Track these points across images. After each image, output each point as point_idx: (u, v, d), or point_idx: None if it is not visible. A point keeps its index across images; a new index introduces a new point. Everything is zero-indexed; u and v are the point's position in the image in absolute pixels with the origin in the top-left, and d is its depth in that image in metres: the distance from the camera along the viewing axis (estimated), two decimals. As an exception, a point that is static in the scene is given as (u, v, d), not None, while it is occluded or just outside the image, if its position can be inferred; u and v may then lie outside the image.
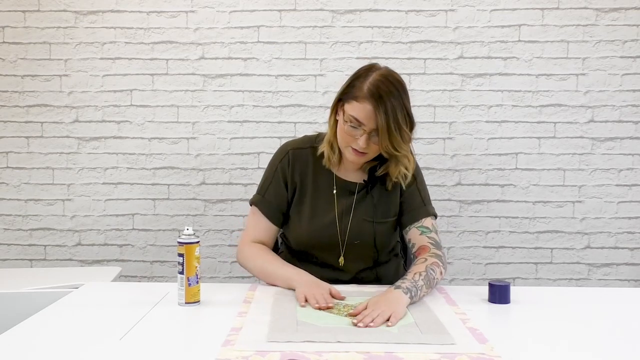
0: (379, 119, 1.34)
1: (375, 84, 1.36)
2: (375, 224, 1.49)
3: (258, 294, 1.37)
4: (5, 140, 2.49)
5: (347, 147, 1.42)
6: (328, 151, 1.49)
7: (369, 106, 1.35)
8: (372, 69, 1.41)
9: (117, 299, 1.34)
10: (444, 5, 2.42)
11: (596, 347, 1.06)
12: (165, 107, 2.47)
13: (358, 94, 1.37)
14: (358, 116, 1.36)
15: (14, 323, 1.15)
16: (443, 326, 1.14)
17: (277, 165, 1.55)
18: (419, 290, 1.29)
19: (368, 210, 1.50)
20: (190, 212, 2.50)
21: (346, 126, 1.39)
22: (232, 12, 2.44)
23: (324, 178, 1.52)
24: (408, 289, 1.27)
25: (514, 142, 2.46)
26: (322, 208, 1.51)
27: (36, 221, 2.51)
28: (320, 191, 1.52)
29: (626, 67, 2.42)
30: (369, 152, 1.41)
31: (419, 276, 1.33)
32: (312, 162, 1.53)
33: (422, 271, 1.35)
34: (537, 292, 1.48)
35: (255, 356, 0.97)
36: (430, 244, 1.46)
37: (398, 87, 1.38)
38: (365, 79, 1.38)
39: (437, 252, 1.44)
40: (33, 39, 2.46)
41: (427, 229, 1.50)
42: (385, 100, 1.34)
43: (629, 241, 2.48)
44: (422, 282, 1.32)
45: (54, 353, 1.01)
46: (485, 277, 2.49)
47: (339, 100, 1.44)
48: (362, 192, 1.51)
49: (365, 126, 1.36)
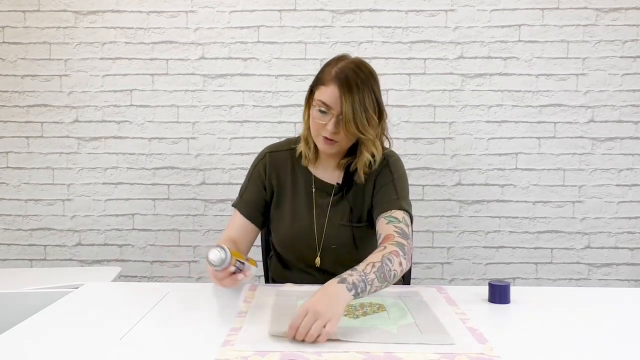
0: (343, 100, 1.34)
1: (343, 69, 1.37)
2: (354, 228, 1.48)
3: (258, 294, 1.37)
4: (5, 140, 2.49)
5: (318, 136, 1.41)
6: (304, 148, 1.48)
7: (336, 89, 1.35)
8: (342, 58, 1.42)
9: (117, 299, 1.34)
10: (444, 5, 2.42)
11: (596, 347, 1.06)
12: (165, 107, 2.47)
13: (326, 77, 1.38)
14: (325, 100, 1.36)
15: (14, 323, 1.15)
16: (442, 326, 1.13)
17: (254, 168, 1.55)
18: (367, 285, 1.14)
19: (343, 213, 1.48)
20: (190, 212, 2.50)
21: (315, 111, 1.39)
22: (232, 12, 2.44)
23: (303, 178, 1.52)
24: (354, 285, 1.11)
25: (514, 142, 2.46)
26: (301, 209, 1.50)
27: (36, 221, 2.51)
28: (299, 192, 1.51)
29: (626, 67, 2.42)
30: (338, 139, 1.39)
31: (370, 268, 1.17)
32: (291, 164, 1.53)
33: (376, 261, 1.20)
34: (537, 292, 1.48)
35: (255, 356, 0.97)
36: (396, 233, 1.32)
37: (367, 73, 1.38)
38: (334, 66, 1.39)
39: (400, 240, 1.30)
40: (33, 39, 2.46)
41: (395, 219, 1.37)
42: (352, 83, 1.34)
43: (629, 241, 2.48)
44: (374, 275, 1.16)
45: (54, 353, 1.01)
46: (485, 277, 2.49)
47: (311, 92, 1.44)
48: (338, 194, 1.49)
49: (333, 110, 1.36)
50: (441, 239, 2.48)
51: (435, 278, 2.50)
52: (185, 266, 2.52)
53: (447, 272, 2.50)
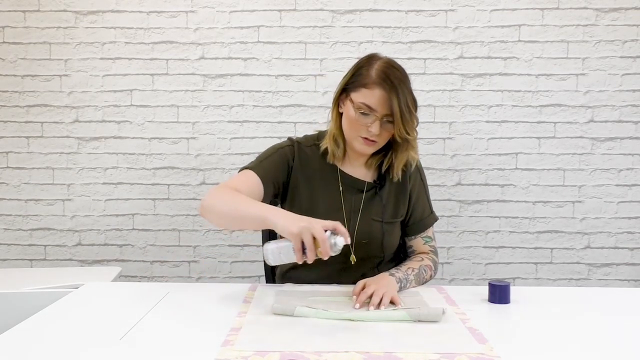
0: (393, 103, 1.35)
1: (383, 69, 1.38)
2: (384, 224, 1.49)
3: (258, 294, 1.37)
4: (5, 140, 2.49)
5: (356, 137, 1.42)
6: (332, 146, 1.48)
7: (381, 91, 1.36)
8: (373, 58, 1.43)
9: (117, 299, 1.34)
10: (444, 5, 2.42)
11: (596, 347, 1.06)
12: (165, 107, 2.47)
13: (367, 80, 1.38)
14: (370, 102, 1.37)
15: (14, 323, 1.15)
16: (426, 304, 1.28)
17: (279, 149, 1.50)
18: (408, 283, 1.40)
19: (377, 210, 1.50)
20: (190, 212, 2.50)
21: (357, 114, 1.39)
22: (232, 12, 2.44)
23: (330, 174, 1.51)
24: (400, 280, 1.37)
25: (514, 142, 2.46)
26: (330, 205, 1.49)
27: (36, 221, 2.51)
28: (327, 188, 1.51)
29: (626, 67, 2.42)
30: (379, 139, 1.41)
31: (411, 271, 1.43)
32: (317, 159, 1.52)
33: (415, 267, 1.45)
34: (537, 292, 1.48)
35: (255, 356, 0.97)
36: (430, 251, 1.57)
37: (402, 71, 1.41)
38: (370, 67, 1.39)
39: (434, 257, 1.55)
40: (33, 39, 2.46)
41: (429, 238, 1.58)
42: (396, 85, 1.36)
43: (629, 241, 2.48)
44: (413, 277, 1.42)
45: (54, 353, 1.01)
46: (485, 277, 2.49)
47: (342, 91, 1.44)
48: (371, 191, 1.51)
49: (377, 112, 1.37)
50: (441, 239, 2.48)
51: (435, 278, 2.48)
52: (185, 266, 2.52)
53: (447, 272, 2.50)
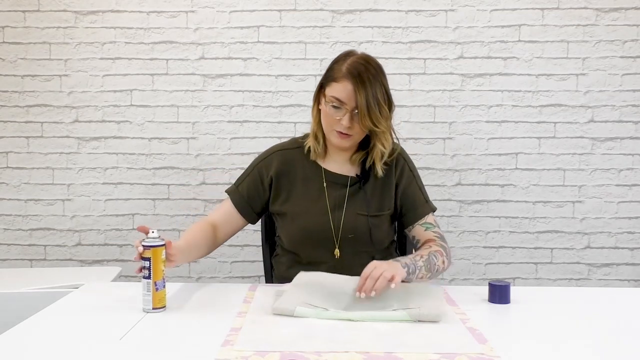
0: (358, 96, 1.39)
1: (353, 64, 1.43)
2: (370, 217, 1.50)
3: (258, 294, 1.38)
4: (5, 140, 2.49)
5: (331, 131, 1.46)
6: (313, 143, 1.53)
7: (349, 85, 1.40)
8: (350, 54, 1.48)
9: (117, 299, 1.34)
10: (444, 5, 2.42)
11: (596, 347, 1.06)
12: (165, 107, 2.47)
13: (337, 75, 1.43)
14: (339, 96, 1.41)
15: (14, 323, 1.15)
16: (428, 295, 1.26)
17: (257, 164, 1.59)
18: (417, 270, 1.34)
19: (362, 204, 1.51)
20: (190, 212, 2.50)
21: (328, 108, 1.44)
22: (232, 12, 2.44)
23: (314, 173, 1.55)
24: (407, 265, 1.31)
25: (514, 142, 2.46)
26: (313, 202, 1.52)
27: (36, 221, 2.51)
28: (311, 186, 1.54)
29: (626, 67, 2.42)
30: (353, 133, 1.44)
31: (419, 257, 1.38)
32: (300, 160, 1.56)
33: (424, 254, 1.40)
34: (537, 292, 1.48)
35: (255, 356, 0.97)
36: (436, 237, 1.51)
37: (376, 67, 1.44)
38: (343, 62, 1.44)
39: (442, 243, 1.49)
40: (33, 39, 2.46)
41: (430, 224, 1.55)
42: (364, 78, 1.40)
43: (629, 241, 2.48)
44: (422, 263, 1.37)
45: (54, 353, 1.01)
46: (485, 277, 2.49)
47: (320, 87, 1.49)
48: (355, 186, 1.53)
49: (347, 105, 1.41)
50: (441, 239, 2.47)
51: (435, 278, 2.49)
52: (185, 266, 2.51)
53: (447, 272, 2.50)
